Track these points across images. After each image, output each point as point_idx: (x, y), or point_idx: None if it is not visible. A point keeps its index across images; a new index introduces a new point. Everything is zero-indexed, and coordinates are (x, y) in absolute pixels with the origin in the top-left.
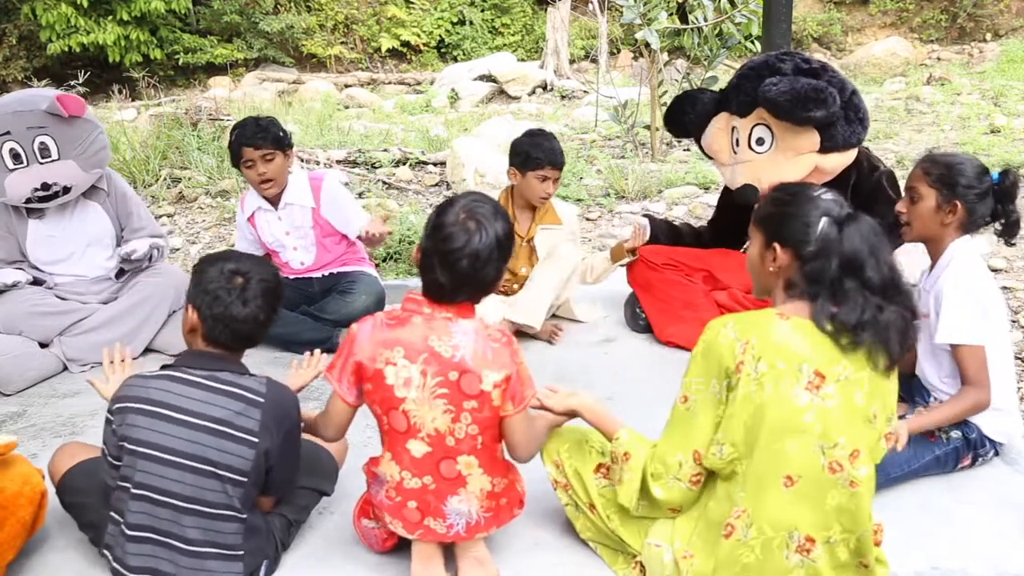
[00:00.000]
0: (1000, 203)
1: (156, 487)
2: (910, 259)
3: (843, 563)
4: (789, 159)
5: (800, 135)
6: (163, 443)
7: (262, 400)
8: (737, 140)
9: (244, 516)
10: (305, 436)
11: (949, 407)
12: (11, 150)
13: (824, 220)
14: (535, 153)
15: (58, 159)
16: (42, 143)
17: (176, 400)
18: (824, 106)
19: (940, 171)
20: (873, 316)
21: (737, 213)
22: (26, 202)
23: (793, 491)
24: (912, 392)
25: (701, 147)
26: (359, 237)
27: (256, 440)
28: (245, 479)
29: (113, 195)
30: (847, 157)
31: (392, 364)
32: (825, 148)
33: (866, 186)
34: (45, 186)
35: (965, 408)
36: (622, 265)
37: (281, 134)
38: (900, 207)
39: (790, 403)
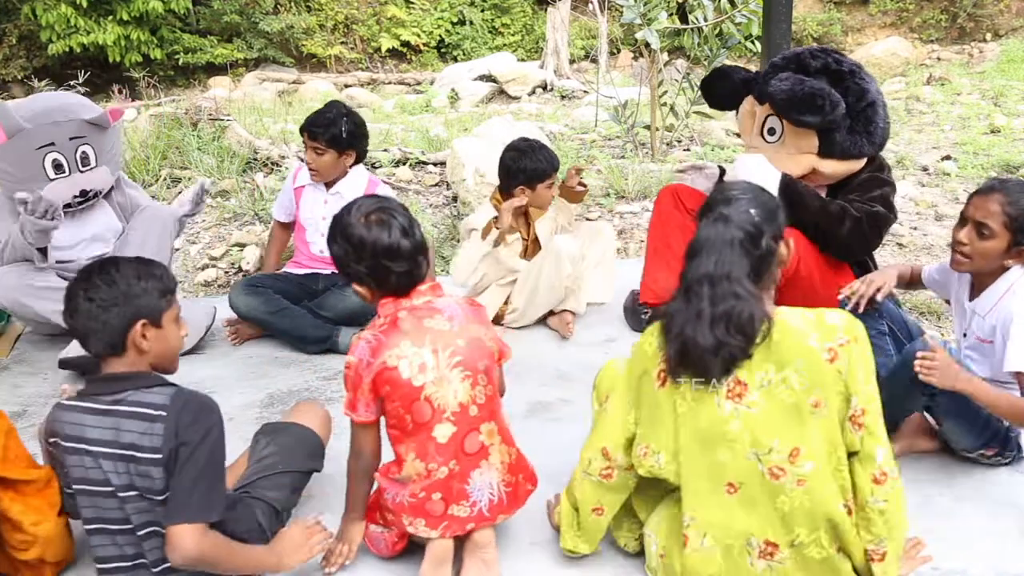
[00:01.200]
0: None
1: (104, 518)
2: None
3: (821, 560)
4: (791, 155)
5: (802, 135)
6: (91, 476)
7: (164, 414)
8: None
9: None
10: (288, 420)
11: (1009, 400)
12: (54, 160)
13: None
14: (541, 165)
15: (95, 166)
16: (83, 152)
17: (88, 432)
18: (819, 112)
19: (1019, 213)
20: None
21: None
22: (64, 207)
23: (737, 497)
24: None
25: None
26: None
27: (160, 456)
28: (161, 498)
29: (119, 188)
30: (848, 167)
31: (404, 358)
32: (823, 153)
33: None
34: (83, 193)
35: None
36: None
37: (342, 135)
38: (963, 237)
39: (713, 413)
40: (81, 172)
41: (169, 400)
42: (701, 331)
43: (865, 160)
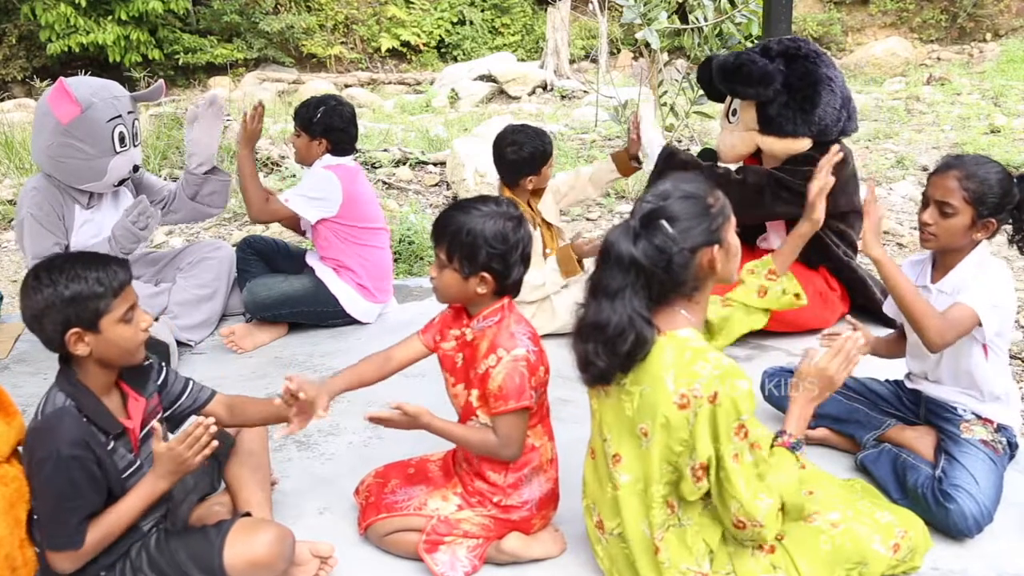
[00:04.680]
0: (1019, 211)
1: None
2: None
3: (631, 564)
4: (739, 133)
5: (746, 109)
6: None
7: (39, 418)
8: None
9: (36, 518)
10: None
11: (921, 303)
12: (120, 133)
13: None
14: (547, 150)
15: (139, 142)
16: (135, 127)
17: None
18: (747, 81)
19: (977, 187)
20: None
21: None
22: (117, 183)
23: (592, 465)
24: (928, 414)
25: None
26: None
27: (22, 449)
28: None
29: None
30: (786, 145)
31: (544, 348)
32: (761, 128)
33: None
34: (135, 168)
35: (928, 327)
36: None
37: (311, 121)
38: (927, 218)
39: (596, 389)
40: (135, 146)
41: (51, 409)
42: (578, 343)
43: (806, 141)
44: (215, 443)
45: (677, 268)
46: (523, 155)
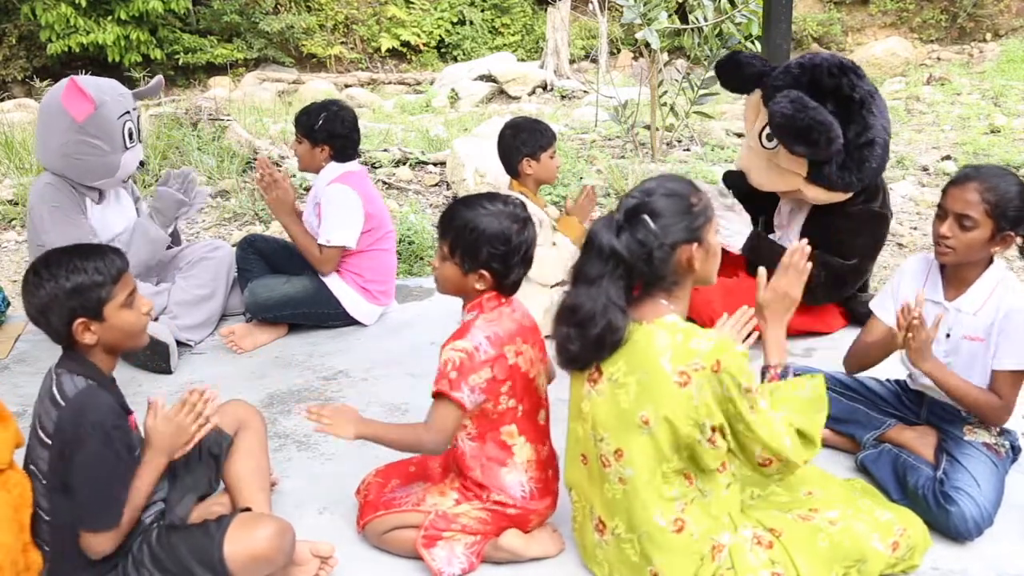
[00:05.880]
0: None
1: None
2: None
3: (634, 564)
4: (780, 169)
5: (793, 156)
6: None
7: (63, 404)
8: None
9: (48, 519)
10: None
11: (974, 391)
12: (129, 129)
13: None
14: (545, 134)
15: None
16: (139, 123)
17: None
18: (813, 146)
19: (998, 200)
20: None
21: (840, 273)
22: (125, 179)
23: (586, 470)
24: (930, 415)
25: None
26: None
27: (50, 442)
28: (45, 481)
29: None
30: (831, 196)
31: (521, 354)
32: (810, 179)
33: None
34: (142, 163)
35: (986, 409)
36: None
37: (314, 127)
38: (946, 231)
39: (580, 389)
40: (140, 142)
41: (73, 393)
42: (556, 326)
43: (850, 193)
44: (214, 420)
45: (657, 262)
46: (520, 137)
